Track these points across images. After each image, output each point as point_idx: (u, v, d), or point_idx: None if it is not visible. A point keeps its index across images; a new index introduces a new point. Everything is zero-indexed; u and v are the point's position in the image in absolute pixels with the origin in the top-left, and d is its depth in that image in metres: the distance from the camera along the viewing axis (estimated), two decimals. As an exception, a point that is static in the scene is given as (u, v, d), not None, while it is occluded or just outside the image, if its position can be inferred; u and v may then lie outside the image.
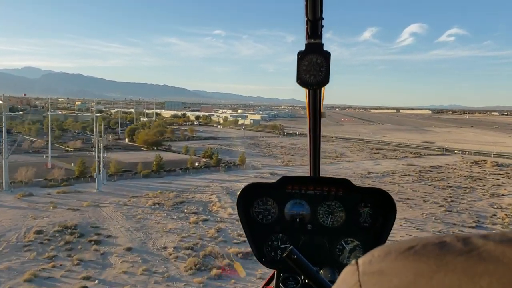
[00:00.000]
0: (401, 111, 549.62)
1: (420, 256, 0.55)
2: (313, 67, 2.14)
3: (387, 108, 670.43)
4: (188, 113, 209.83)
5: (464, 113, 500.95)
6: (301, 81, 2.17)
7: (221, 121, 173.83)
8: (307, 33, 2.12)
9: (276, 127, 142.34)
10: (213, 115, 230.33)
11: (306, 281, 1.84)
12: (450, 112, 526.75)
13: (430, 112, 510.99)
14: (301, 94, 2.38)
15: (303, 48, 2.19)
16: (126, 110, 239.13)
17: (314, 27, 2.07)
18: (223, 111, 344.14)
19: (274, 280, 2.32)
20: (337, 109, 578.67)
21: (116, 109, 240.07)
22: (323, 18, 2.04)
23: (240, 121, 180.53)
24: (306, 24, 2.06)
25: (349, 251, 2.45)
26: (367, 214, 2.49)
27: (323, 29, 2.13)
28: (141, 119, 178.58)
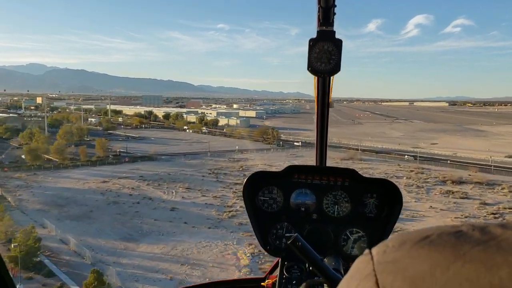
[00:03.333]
0: (415, 103, 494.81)
1: (436, 246, 0.51)
2: (324, 54, 2.06)
3: (397, 101, 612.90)
4: (157, 111, 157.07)
5: (484, 105, 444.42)
6: (312, 68, 2.09)
7: (196, 121, 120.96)
8: (318, 20, 2.02)
9: (266, 134, 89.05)
10: (197, 111, 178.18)
11: (310, 269, 1.81)
12: (469, 104, 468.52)
13: (448, 104, 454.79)
14: (307, 88, 2.14)
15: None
16: (90, 107, 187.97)
17: (326, 14, 1.97)
18: (218, 106, 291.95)
19: (278, 268, 2.26)
20: (344, 102, 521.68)
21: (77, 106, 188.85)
22: (335, 6, 1.95)
23: (222, 121, 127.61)
24: (318, 11, 1.97)
25: (353, 241, 2.35)
26: (373, 204, 2.38)
27: (335, 16, 2.03)
28: (89, 119, 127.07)
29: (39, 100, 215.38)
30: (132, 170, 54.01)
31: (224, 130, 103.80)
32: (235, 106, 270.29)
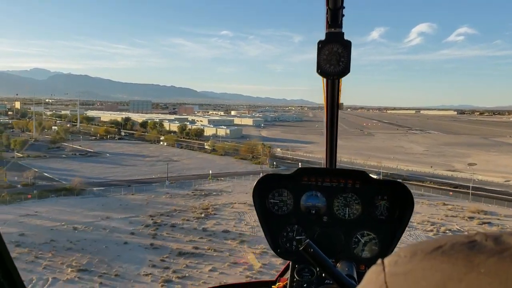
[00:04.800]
0: (421, 111, 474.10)
1: (449, 257, 0.48)
2: (334, 56, 2.04)
3: (402, 109, 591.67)
4: (139, 117, 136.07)
5: (493, 113, 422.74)
6: (321, 70, 2.07)
7: (178, 131, 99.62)
8: (327, 22, 2.02)
9: (257, 149, 67.55)
10: (187, 119, 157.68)
11: (322, 273, 1.82)
12: (477, 113, 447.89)
13: (456, 113, 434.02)
14: (310, 95, 1.93)
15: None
16: (66, 112, 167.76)
17: (335, 16, 1.96)
18: (215, 112, 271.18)
19: (289, 271, 2.22)
20: (348, 109, 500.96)
21: (52, 111, 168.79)
22: (344, 7, 1.94)
23: (210, 131, 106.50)
24: (327, 13, 1.97)
25: (364, 244, 2.29)
26: (384, 206, 2.31)
27: (344, 18, 2.01)
28: (53, 127, 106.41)
29: (17, 104, 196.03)
30: (20, 219, 32.64)
31: (206, 143, 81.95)
32: (233, 112, 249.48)
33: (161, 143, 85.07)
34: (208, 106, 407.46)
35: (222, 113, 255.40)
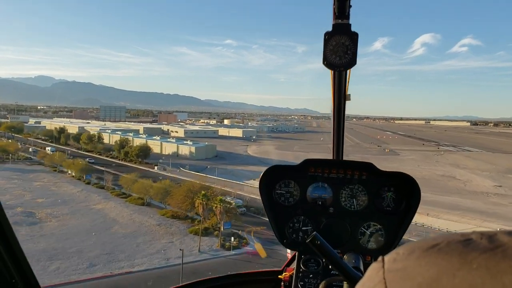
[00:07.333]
0: (431, 122, 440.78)
1: (444, 254, 0.50)
2: (340, 48, 2.02)
3: (408, 119, 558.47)
4: (94, 127, 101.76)
5: (510, 125, 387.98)
6: (327, 62, 2.05)
7: (115, 148, 65.84)
8: (334, 13, 1.98)
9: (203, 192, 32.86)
10: (160, 129, 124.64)
11: (329, 265, 1.85)
12: (491, 124, 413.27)
13: (469, 124, 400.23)
14: (314, 104, 1.87)
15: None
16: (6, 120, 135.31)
17: (342, 6, 1.93)
18: (207, 120, 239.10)
19: (295, 261, 2.22)
20: (354, 119, 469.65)
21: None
22: None
23: (170, 148, 72.49)
24: (334, 4, 1.94)
25: (370, 235, 2.27)
26: (390, 198, 2.29)
27: (351, 9, 1.97)
28: None
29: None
30: None
31: (120, 181, 46.99)
32: (225, 121, 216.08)
33: (69, 171, 50.83)
34: (204, 114, 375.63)
35: (215, 121, 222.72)
